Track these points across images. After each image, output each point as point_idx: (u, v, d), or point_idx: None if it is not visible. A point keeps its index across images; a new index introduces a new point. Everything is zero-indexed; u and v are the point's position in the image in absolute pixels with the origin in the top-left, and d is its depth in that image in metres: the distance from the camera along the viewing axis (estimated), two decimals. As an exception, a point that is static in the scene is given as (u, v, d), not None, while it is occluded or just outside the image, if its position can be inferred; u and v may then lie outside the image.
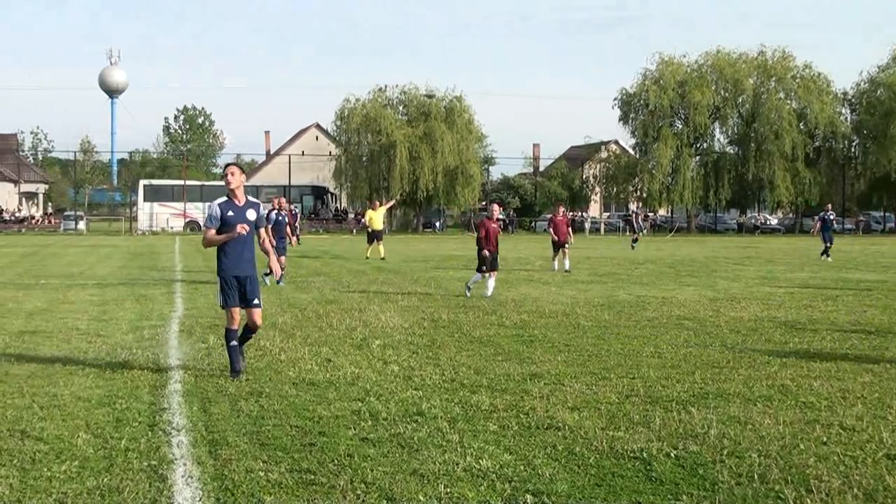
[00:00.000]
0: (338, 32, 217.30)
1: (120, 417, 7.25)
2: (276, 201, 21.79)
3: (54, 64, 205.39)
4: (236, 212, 8.99)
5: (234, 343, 9.01)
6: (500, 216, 26.49)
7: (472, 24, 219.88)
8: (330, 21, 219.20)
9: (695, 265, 28.39)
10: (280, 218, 20.73)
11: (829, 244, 31.33)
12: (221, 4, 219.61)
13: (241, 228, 8.85)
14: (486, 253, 17.32)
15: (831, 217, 32.54)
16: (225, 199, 9.07)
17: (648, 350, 10.81)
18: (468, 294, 17.21)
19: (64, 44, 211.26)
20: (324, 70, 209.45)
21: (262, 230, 9.30)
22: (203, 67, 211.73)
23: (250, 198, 9.20)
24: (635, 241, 41.98)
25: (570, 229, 25.89)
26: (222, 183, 9.44)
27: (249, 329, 9.29)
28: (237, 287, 9.03)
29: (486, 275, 17.47)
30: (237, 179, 9.02)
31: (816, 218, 35.12)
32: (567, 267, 24.67)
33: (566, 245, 25.11)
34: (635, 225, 44.08)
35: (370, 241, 32.32)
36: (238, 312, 9.06)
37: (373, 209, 33.88)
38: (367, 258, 30.93)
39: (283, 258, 19.81)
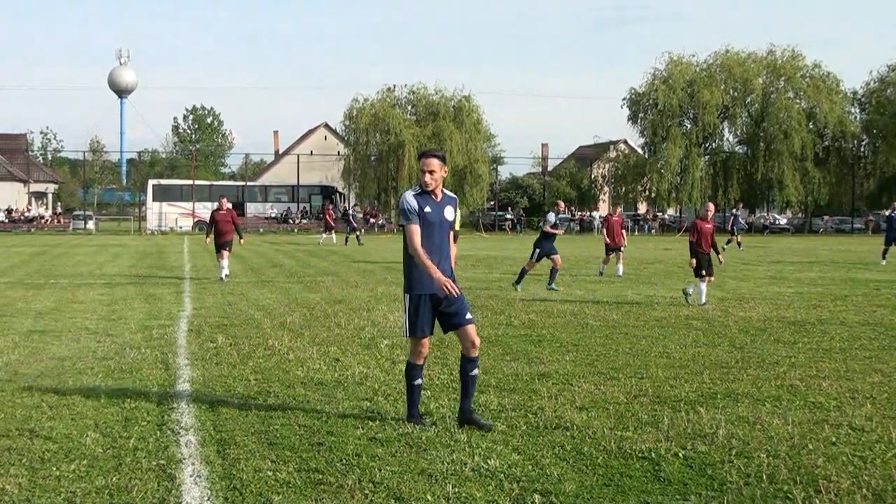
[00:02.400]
0: (346, 32, 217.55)
1: (129, 417, 7.27)
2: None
3: (64, 64, 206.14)
4: (434, 208, 7.15)
5: (419, 381, 7.23)
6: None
7: (481, 24, 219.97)
8: (339, 20, 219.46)
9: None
10: (556, 221, 19.75)
11: (888, 245, 29.43)
12: (230, 4, 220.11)
13: (451, 289, 6.85)
14: (704, 255, 16.15)
15: None
16: (418, 189, 7.19)
17: (657, 350, 10.80)
18: (689, 301, 15.84)
19: (73, 44, 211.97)
20: (333, 70, 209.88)
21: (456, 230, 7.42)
22: (212, 67, 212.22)
23: (447, 192, 7.32)
24: (738, 242, 39.54)
25: (624, 231, 24.24)
26: (232, 183, 8.99)
27: (467, 358, 7.12)
28: (431, 309, 7.09)
29: (706, 279, 16.13)
30: (439, 176, 7.16)
31: (887, 218, 33.05)
32: (621, 272, 23.01)
33: (621, 248, 23.55)
34: (735, 226, 40.30)
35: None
36: (428, 343, 7.24)
37: None
38: None
39: (556, 256, 19.12)
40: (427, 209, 7.09)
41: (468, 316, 7.10)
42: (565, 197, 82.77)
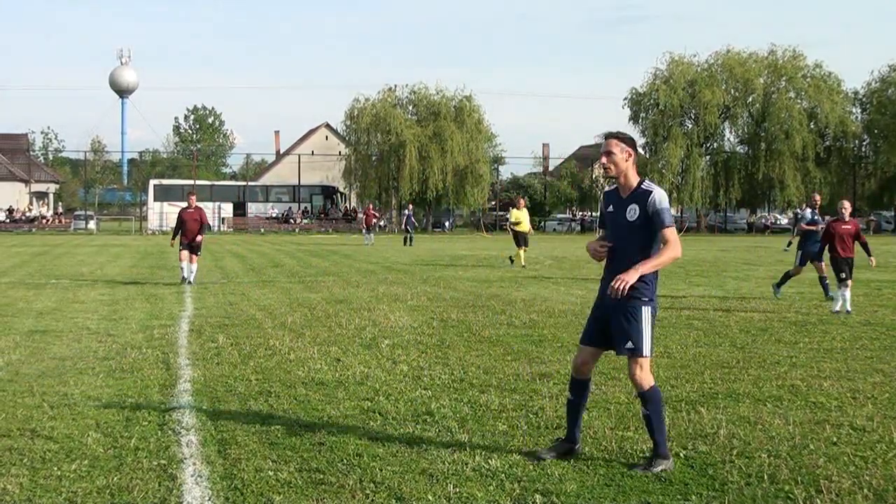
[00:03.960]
0: (346, 32, 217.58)
1: (130, 416, 7.27)
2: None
3: (64, 64, 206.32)
4: (617, 205, 5.98)
5: (573, 398, 6.17)
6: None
7: (481, 24, 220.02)
8: (339, 20, 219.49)
9: (704, 265, 28.33)
10: (815, 217, 17.60)
11: None
12: (231, 4, 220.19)
13: (599, 252, 6.04)
14: (843, 259, 15.03)
15: None
16: (613, 185, 6.13)
17: (657, 350, 10.76)
18: (849, 311, 14.59)
19: (74, 44, 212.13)
20: (333, 70, 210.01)
21: (668, 231, 5.85)
22: (213, 67, 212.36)
23: (647, 184, 5.92)
24: (790, 243, 39.09)
25: None
26: (233, 183, 8.89)
27: (640, 395, 6.01)
28: (596, 320, 6.11)
29: (845, 285, 14.76)
30: (619, 159, 5.91)
31: None
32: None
33: None
34: (795, 228, 39.19)
35: (519, 245, 26.83)
36: (590, 353, 6.12)
37: (517, 208, 28.33)
38: (512, 262, 27.16)
39: (820, 264, 16.72)
40: (609, 209, 6.01)
41: (628, 344, 5.88)
42: (566, 196, 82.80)
